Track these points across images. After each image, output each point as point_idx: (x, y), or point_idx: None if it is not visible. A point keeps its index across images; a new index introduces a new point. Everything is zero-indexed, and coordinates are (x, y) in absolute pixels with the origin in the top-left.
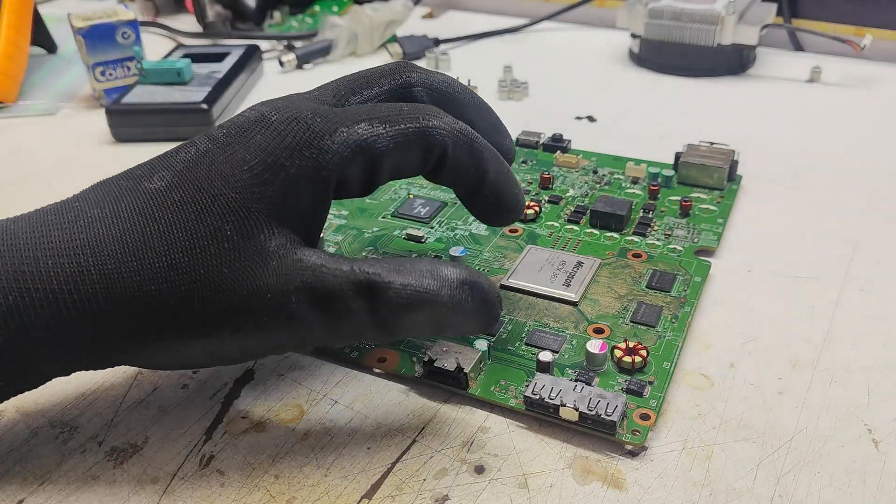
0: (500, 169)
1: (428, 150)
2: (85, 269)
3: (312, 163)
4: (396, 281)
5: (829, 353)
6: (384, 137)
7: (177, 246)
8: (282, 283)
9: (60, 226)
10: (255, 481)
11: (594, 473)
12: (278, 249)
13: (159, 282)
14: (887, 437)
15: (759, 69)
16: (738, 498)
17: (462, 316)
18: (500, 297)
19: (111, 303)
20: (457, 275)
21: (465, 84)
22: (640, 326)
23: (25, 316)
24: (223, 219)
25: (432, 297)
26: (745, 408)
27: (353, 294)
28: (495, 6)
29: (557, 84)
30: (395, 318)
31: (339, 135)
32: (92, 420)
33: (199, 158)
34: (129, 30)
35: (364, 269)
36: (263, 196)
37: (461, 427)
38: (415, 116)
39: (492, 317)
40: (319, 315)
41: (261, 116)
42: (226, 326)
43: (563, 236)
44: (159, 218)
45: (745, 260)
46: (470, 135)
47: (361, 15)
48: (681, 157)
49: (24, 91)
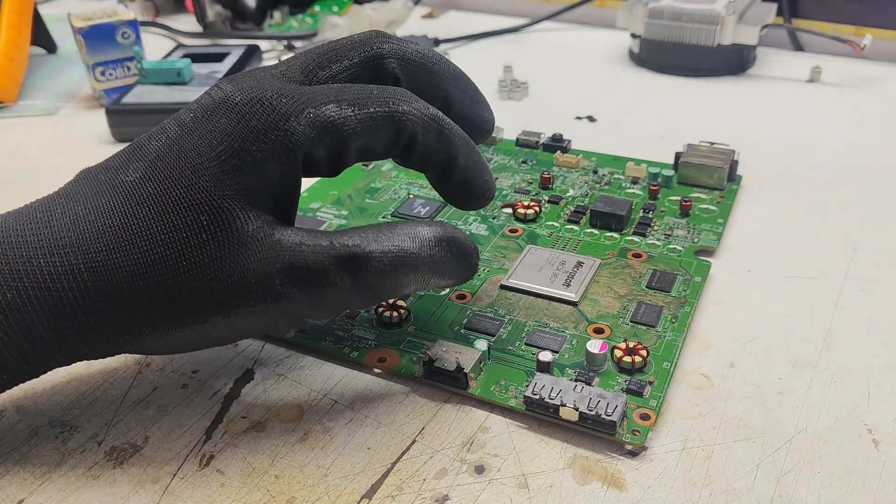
0: (470, 155)
1: (397, 134)
2: (75, 267)
3: (279, 145)
4: (377, 249)
5: (829, 353)
6: (352, 120)
7: (158, 241)
8: (264, 266)
9: (48, 223)
10: (255, 481)
11: (594, 473)
12: (256, 233)
13: (146, 277)
14: (887, 437)
15: (759, 69)
16: (738, 498)
17: (442, 271)
18: (477, 248)
19: (103, 298)
20: (433, 233)
21: (440, 53)
22: (640, 326)
23: (24, 312)
24: (198, 210)
25: (413, 259)
26: (745, 408)
27: (336, 268)
28: (495, 6)
29: (557, 84)
30: (379, 284)
31: (305, 116)
32: (92, 420)
33: (169, 146)
34: (129, 30)
35: (343, 241)
36: (234, 182)
37: (461, 427)
38: (384, 100)
39: (470, 268)
40: (305, 292)
41: (225, 97)
42: (215, 314)
43: (563, 236)
44: (137, 213)
45: (745, 260)
46: (440, 121)
47: (361, 15)
48: (681, 157)
49: (24, 91)
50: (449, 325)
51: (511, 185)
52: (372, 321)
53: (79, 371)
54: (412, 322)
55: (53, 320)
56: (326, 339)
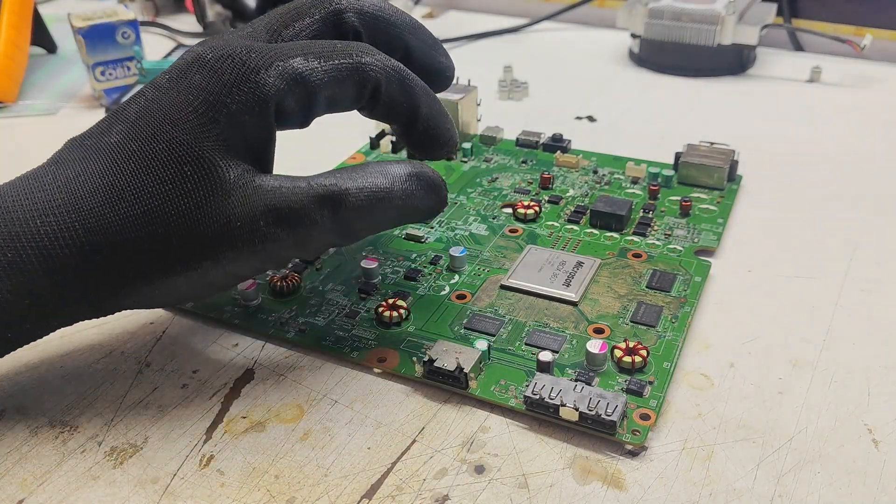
0: (432, 104)
1: (362, 84)
2: (70, 226)
3: (251, 97)
4: (352, 186)
5: (829, 353)
6: (318, 71)
7: (146, 194)
8: (248, 210)
9: (41, 188)
10: (255, 481)
11: (594, 473)
12: (238, 180)
13: (137, 229)
14: (887, 437)
15: (759, 69)
16: (738, 498)
17: (415, 205)
18: (445, 182)
19: (98, 254)
20: (403, 169)
21: (395, 6)
22: (640, 326)
23: (24, 271)
24: (181, 161)
25: (386, 194)
26: (745, 408)
27: (316, 207)
28: (495, 6)
29: (557, 84)
30: (358, 220)
31: (274, 68)
32: (92, 420)
33: (147, 106)
34: (129, 30)
35: (320, 182)
36: (212, 134)
37: (461, 427)
38: (348, 53)
39: (440, 200)
40: (289, 232)
41: (197, 56)
42: (205, 259)
43: (563, 236)
44: (124, 170)
45: (745, 260)
46: (402, 71)
47: None
48: (681, 157)
49: (24, 91)
50: (449, 325)
51: (511, 185)
52: (372, 321)
53: (79, 371)
54: (412, 322)
55: (52, 278)
56: (326, 339)
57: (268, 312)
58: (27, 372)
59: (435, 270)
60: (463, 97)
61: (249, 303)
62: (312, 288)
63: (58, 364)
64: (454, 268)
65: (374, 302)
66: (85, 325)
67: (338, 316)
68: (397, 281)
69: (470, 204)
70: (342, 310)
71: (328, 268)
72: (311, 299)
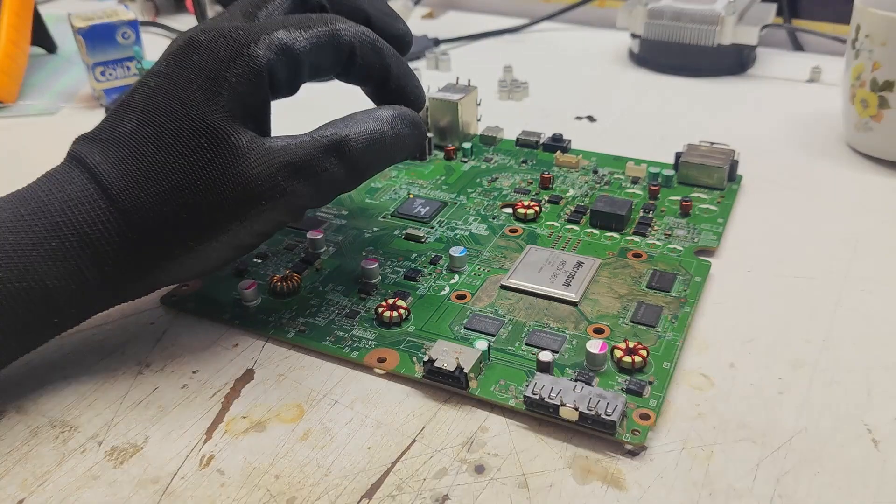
0: (399, 64)
1: (339, 49)
2: (105, 211)
3: (247, 69)
4: (351, 132)
5: (829, 353)
6: (301, 40)
7: (169, 170)
8: (266, 169)
9: (70, 181)
10: (255, 481)
11: (594, 473)
12: (250, 144)
13: (170, 203)
14: (887, 437)
15: (759, 69)
16: (738, 498)
17: (402, 142)
18: (422, 120)
19: (136, 231)
20: (390, 112)
21: None
22: (640, 326)
23: (69, 257)
24: (197, 135)
25: (381, 135)
26: (745, 408)
27: (324, 155)
28: (495, 6)
29: (557, 84)
30: (361, 161)
31: (262, 41)
32: (92, 420)
33: (154, 92)
34: (129, 30)
35: (322, 133)
36: (218, 106)
37: (461, 427)
38: (323, 21)
39: (422, 135)
40: (305, 183)
41: (190, 39)
42: (234, 219)
43: (563, 236)
44: (145, 152)
45: (745, 260)
46: (371, 35)
47: None
48: (681, 157)
49: (24, 91)
50: (449, 325)
51: (511, 185)
52: (372, 321)
53: (79, 371)
54: (412, 322)
55: (95, 259)
56: (326, 339)
57: (268, 312)
58: (27, 372)
59: (435, 270)
60: (463, 97)
61: (249, 303)
62: (312, 288)
63: (58, 364)
64: (454, 268)
65: (374, 302)
66: (85, 325)
67: (338, 316)
68: (397, 281)
69: (470, 204)
70: (342, 310)
71: (328, 268)
72: (311, 299)
